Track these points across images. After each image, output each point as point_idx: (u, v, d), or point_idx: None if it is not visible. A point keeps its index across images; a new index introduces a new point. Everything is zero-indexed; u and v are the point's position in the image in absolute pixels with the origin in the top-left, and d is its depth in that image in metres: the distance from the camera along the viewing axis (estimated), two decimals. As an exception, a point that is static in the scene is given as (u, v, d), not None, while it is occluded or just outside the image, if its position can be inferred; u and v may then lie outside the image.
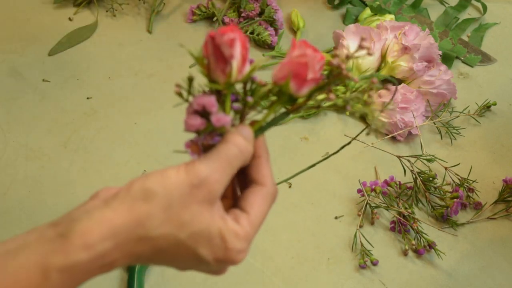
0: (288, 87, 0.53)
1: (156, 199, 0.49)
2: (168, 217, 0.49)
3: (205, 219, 0.50)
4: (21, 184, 0.93)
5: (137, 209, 0.49)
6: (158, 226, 0.49)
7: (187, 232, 0.50)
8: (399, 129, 0.99)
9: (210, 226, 0.50)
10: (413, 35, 1.05)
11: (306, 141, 1.01)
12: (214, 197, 0.50)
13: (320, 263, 0.88)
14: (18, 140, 0.98)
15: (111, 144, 0.98)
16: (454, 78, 1.07)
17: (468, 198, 0.94)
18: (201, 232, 0.50)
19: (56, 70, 1.07)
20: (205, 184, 0.50)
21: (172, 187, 0.50)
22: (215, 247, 0.51)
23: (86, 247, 0.48)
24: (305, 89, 0.53)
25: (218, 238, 0.51)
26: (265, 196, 0.54)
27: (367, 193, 0.92)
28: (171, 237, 0.50)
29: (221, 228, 0.51)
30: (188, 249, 0.51)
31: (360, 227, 0.90)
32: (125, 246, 0.49)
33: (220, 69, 0.52)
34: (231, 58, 0.51)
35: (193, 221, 0.50)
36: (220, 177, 0.51)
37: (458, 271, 0.88)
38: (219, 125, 0.51)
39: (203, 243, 0.51)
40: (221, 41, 0.51)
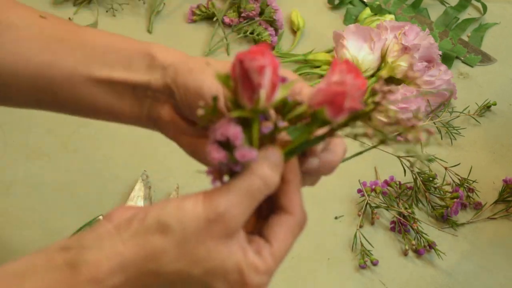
0: (323, 114, 0.50)
1: (171, 234, 0.47)
2: (182, 253, 0.47)
3: (221, 255, 0.48)
4: (21, 184, 0.93)
5: (150, 244, 0.47)
6: (170, 262, 0.47)
7: (202, 268, 0.48)
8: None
9: (226, 261, 0.48)
10: (413, 35, 1.05)
11: (306, 141, 1.01)
12: (232, 232, 0.48)
13: (320, 263, 0.88)
14: (18, 140, 0.98)
15: (111, 144, 0.98)
16: (454, 78, 1.07)
17: (468, 198, 0.94)
18: (217, 267, 0.48)
19: (56, 70, 1.07)
20: (223, 219, 0.47)
21: (188, 222, 0.47)
22: (232, 282, 0.48)
23: (94, 281, 0.46)
24: (341, 117, 0.50)
25: (236, 273, 0.48)
26: (292, 227, 0.52)
27: (367, 193, 0.92)
28: (184, 273, 0.48)
29: (240, 262, 0.48)
30: (202, 284, 0.48)
31: (360, 227, 0.90)
32: (136, 280, 0.47)
33: (247, 95, 0.48)
34: (259, 87, 0.47)
35: (209, 257, 0.48)
36: (240, 211, 0.48)
37: (458, 271, 0.88)
38: (243, 161, 0.48)
39: (218, 278, 0.48)
40: (250, 66, 0.47)
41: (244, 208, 0.48)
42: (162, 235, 0.47)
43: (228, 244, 0.48)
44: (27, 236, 0.87)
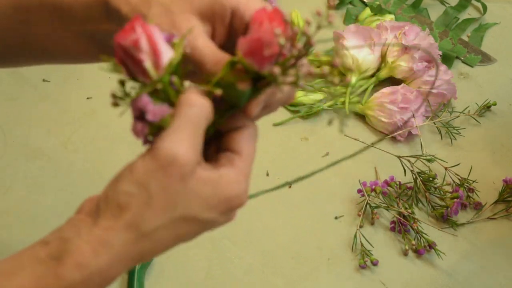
0: (247, 64, 0.49)
1: (134, 199, 0.48)
2: (154, 208, 0.48)
3: (194, 190, 0.48)
4: (21, 184, 0.93)
5: (122, 218, 0.48)
6: (148, 221, 0.48)
7: (180, 210, 0.48)
8: (399, 129, 0.99)
9: (201, 192, 0.49)
10: (413, 35, 1.05)
11: (306, 141, 1.01)
12: (192, 167, 0.48)
13: (320, 263, 0.88)
14: (18, 140, 0.98)
15: (111, 144, 0.98)
16: (454, 78, 1.07)
17: (468, 198, 0.94)
18: (195, 201, 0.49)
19: (56, 70, 1.07)
20: (176, 161, 0.48)
21: (144, 179, 0.48)
22: (215, 204, 0.49)
23: (78, 267, 0.47)
24: (267, 66, 0.49)
25: (215, 196, 0.49)
26: (250, 134, 0.52)
27: (367, 193, 0.92)
28: (166, 223, 0.48)
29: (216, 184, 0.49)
30: (190, 221, 0.49)
31: (360, 227, 0.90)
32: (124, 253, 0.48)
33: (140, 71, 0.49)
34: (142, 62, 0.48)
35: (181, 199, 0.48)
36: (190, 145, 0.48)
37: (458, 271, 0.88)
38: (157, 119, 0.48)
39: (202, 209, 0.49)
40: (126, 45, 0.48)
41: (192, 139, 0.48)
42: (128, 205, 0.48)
43: (195, 178, 0.48)
44: (27, 236, 0.87)
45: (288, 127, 1.02)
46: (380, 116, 1.00)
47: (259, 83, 0.50)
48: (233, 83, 0.50)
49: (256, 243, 0.89)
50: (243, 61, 0.49)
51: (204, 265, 0.86)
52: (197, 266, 0.86)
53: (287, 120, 1.02)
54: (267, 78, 0.50)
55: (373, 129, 1.02)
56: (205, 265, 0.86)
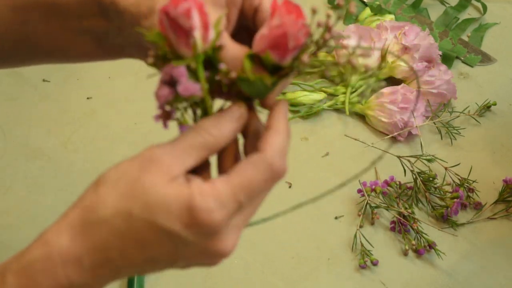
0: (270, 59, 0.49)
1: (107, 182, 0.48)
2: (118, 194, 0.47)
3: (159, 188, 0.46)
4: (21, 184, 0.93)
5: (88, 197, 0.48)
6: (108, 206, 0.47)
7: (139, 203, 0.46)
8: (399, 129, 0.99)
9: (166, 192, 0.46)
10: (413, 35, 1.05)
11: (306, 141, 1.01)
12: (170, 171, 0.46)
13: (320, 263, 0.88)
14: (18, 140, 0.98)
15: (111, 144, 0.98)
16: (454, 78, 1.07)
17: (468, 198, 0.94)
18: (156, 200, 0.46)
19: (56, 70, 1.07)
20: (157, 160, 0.47)
21: (123, 168, 0.48)
22: (176, 212, 0.46)
23: (41, 244, 0.47)
24: (289, 57, 0.49)
25: (177, 202, 0.46)
26: (255, 161, 0.48)
27: (367, 193, 0.92)
28: (124, 214, 0.46)
29: (181, 191, 0.46)
30: (148, 224, 0.46)
31: (360, 227, 0.90)
32: (83, 236, 0.46)
33: (183, 43, 0.48)
34: (192, 30, 0.47)
35: (145, 192, 0.46)
36: (175, 159, 0.47)
37: (458, 271, 0.88)
38: (187, 94, 0.48)
39: (160, 212, 0.46)
40: (176, 14, 0.47)
41: (180, 158, 0.47)
42: (98, 186, 0.48)
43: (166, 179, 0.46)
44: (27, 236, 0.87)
45: (288, 127, 1.02)
46: (380, 116, 1.00)
47: (278, 73, 0.50)
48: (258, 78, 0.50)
49: (256, 243, 0.89)
50: (268, 56, 0.49)
51: (204, 265, 0.86)
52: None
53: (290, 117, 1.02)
54: (287, 69, 0.50)
55: (373, 129, 1.02)
56: (205, 265, 0.86)
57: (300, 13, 0.49)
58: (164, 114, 0.49)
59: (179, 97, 0.48)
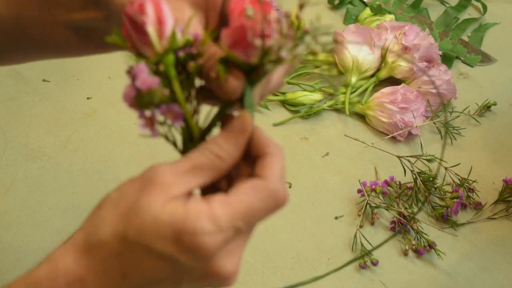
0: (234, 57, 0.47)
1: (108, 203, 0.47)
2: (116, 216, 0.46)
3: (154, 209, 0.45)
4: (21, 184, 0.93)
5: (92, 218, 0.47)
6: (107, 228, 0.46)
7: (134, 226, 0.45)
8: (399, 129, 0.99)
9: (159, 214, 0.44)
10: (413, 35, 1.05)
11: (306, 141, 1.01)
12: (168, 191, 0.45)
13: (320, 263, 0.88)
14: (18, 140, 0.98)
15: (111, 144, 0.98)
16: (454, 78, 1.07)
17: (468, 198, 0.94)
18: (149, 223, 0.44)
19: (56, 70, 1.07)
20: (157, 180, 0.45)
21: (124, 189, 0.47)
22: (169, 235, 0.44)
23: (48, 263, 0.47)
24: (254, 54, 0.47)
25: (170, 225, 0.44)
26: (257, 187, 0.46)
27: (367, 193, 0.92)
28: (120, 236, 0.45)
29: (175, 212, 0.44)
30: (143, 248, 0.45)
31: (360, 227, 0.90)
32: (85, 258, 0.46)
33: (143, 42, 0.47)
34: (145, 25, 0.46)
35: (140, 214, 0.45)
36: (176, 180, 0.46)
37: (458, 271, 0.88)
38: (145, 88, 0.46)
39: (153, 235, 0.44)
40: (133, 12, 0.46)
41: (185, 179, 0.46)
42: (101, 207, 0.47)
43: (161, 200, 0.45)
44: (27, 236, 0.87)
45: (288, 127, 1.02)
46: (380, 116, 1.00)
47: (252, 75, 0.48)
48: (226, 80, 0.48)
49: (256, 243, 0.89)
50: (229, 54, 0.47)
51: (204, 265, 0.86)
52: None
53: (287, 120, 1.02)
54: (260, 69, 0.48)
55: (373, 129, 1.02)
56: (205, 265, 0.86)
57: (266, 8, 0.47)
58: (147, 120, 0.48)
59: (141, 94, 0.46)
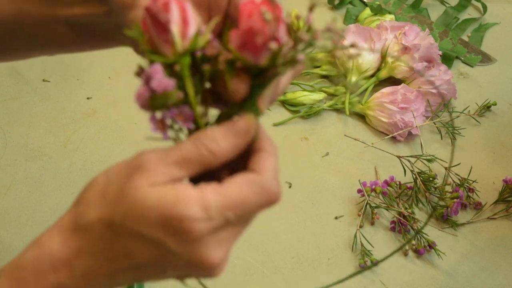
0: (242, 59, 0.47)
1: (95, 187, 0.47)
2: (103, 200, 0.46)
3: (140, 193, 0.44)
4: (21, 184, 0.93)
5: (79, 201, 0.47)
6: (94, 211, 0.46)
7: (120, 210, 0.45)
8: (399, 129, 0.99)
9: (147, 197, 0.44)
10: (413, 35, 1.05)
11: (306, 141, 1.01)
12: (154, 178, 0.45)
13: (320, 263, 0.88)
14: (18, 140, 0.98)
15: (111, 144, 0.98)
16: (454, 78, 1.07)
17: (468, 198, 0.94)
18: (136, 207, 0.44)
19: (56, 70, 1.07)
20: (144, 166, 0.45)
21: (111, 173, 0.47)
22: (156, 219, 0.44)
23: (34, 246, 0.46)
24: (263, 56, 0.46)
25: (158, 208, 0.44)
26: (251, 181, 0.46)
27: (367, 193, 0.92)
28: (107, 220, 0.45)
29: (165, 196, 0.44)
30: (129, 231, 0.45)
31: (360, 227, 0.90)
32: (72, 240, 0.46)
33: (163, 40, 0.46)
34: (169, 24, 0.45)
35: (126, 198, 0.45)
36: (162, 168, 0.45)
37: (458, 271, 0.88)
38: (161, 89, 0.46)
39: (140, 219, 0.44)
40: (155, 8, 0.45)
41: (171, 169, 0.45)
42: (88, 190, 0.47)
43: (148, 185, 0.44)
44: (27, 236, 0.87)
45: (288, 127, 1.02)
46: (380, 116, 1.00)
47: (261, 77, 0.48)
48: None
49: (256, 243, 0.89)
50: (237, 56, 0.47)
51: (204, 265, 0.86)
52: (197, 266, 0.86)
53: (287, 120, 1.02)
54: (270, 71, 0.47)
55: (373, 129, 1.02)
56: (205, 265, 0.86)
57: (277, 11, 0.47)
58: (159, 123, 0.47)
59: (156, 95, 0.46)
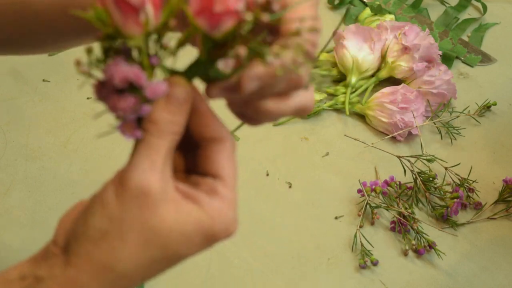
0: (197, 26, 0.43)
1: (109, 236, 0.44)
2: (130, 246, 0.44)
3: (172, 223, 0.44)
4: (21, 184, 0.93)
5: (95, 258, 0.44)
6: (127, 262, 0.44)
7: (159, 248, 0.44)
8: (399, 129, 0.99)
9: (183, 229, 0.44)
10: (413, 35, 1.05)
11: (306, 141, 1.01)
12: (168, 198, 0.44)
13: (320, 263, 0.88)
14: (18, 140, 0.98)
15: (111, 144, 0.98)
16: (454, 78, 1.07)
17: (468, 198, 0.94)
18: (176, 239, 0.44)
19: (56, 70, 1.07)
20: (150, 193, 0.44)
21: (118, 214, 0.44)
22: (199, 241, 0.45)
23: None
24: (220, 27, 0.43)
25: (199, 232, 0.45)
26: (230, 151, 0.47)
27: (367, 193, 0.92)
28: (147, 263, 0.45)
29: (197, 219, 0.45)
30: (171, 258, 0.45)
31: (360, 227, 0.90)
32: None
33: (132, 21, 0.42)
34: (143, 5, 0.42)
35: (160, 235, 0.44)
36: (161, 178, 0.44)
37: (458, 271, 0.88)
38: (156, 97, 0.43)
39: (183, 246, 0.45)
40: None
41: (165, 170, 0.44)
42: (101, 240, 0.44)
43: (175, 209, 0.44)
44: (27, 236, 0.87)
45: (288, 127, 1.02)
46: (380, 116, 1.00)
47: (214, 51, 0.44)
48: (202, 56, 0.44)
49: (256, 243, 0.89)
50: (192, 21, 0.43)
51: (204, 265, 0.86)
52: (197, 266, 0.86)
53: (287, 120, 1.02)
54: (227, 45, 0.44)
55: (373, 129, 1.02)
56: (205, 265, 0.86)
57: None
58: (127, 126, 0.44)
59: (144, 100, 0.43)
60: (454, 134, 1.01)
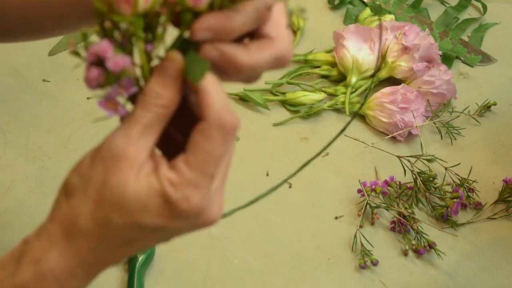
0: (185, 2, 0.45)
1: (76, 191, 0.47)
2: (92, 203, 0.46)
3: (130, 187, 0.45)
4: (21, 184, 0.93)
5: (63, 210, 0.47)
6: (86, 217, 0.46)
7: (116, 208, 0.45)
8: (399, 129, 0.99)
9: (137, 190, 0.45)
10: (413, 35, 1.05)
11: (306, 141, 1.01)
12: (134, 163, 0.45)
13: (320, 263, 0.88)
14: (18, 140, 0.98)
15: (111, 144, 0.98)
16: (454, 78, 1.07)
17: (468, 198, 0.94)
18: (131, 201, 0.45)
19: (56, 70, 1.07)
20: (118, 156, 0.46)
21: (86, 173, 0.47)
22: (155, 208, 0.45)
23: (33, 262, 0.46)
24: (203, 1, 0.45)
25: (153, 198, 0.45)
26: (205, 130, 0.45)
27: (367, 193, 0.92)
28: (104, 222, 0.46)
29: (152, 186, 0.45)
30: (131, 225, 0.46)
31: (360, 227, 0.90)
32: (70, 251, 0.46)
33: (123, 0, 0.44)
34: None
35: (117, 195, 0.45)
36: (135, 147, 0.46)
37: (458, 271, 0.88)
38: (118, 70, 0.44)
39: (140, 212, 0.45)
40: None
41: (142, 142, 0.46)
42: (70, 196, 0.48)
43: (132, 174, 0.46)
44: (27, 236, 0.87)
45: (288, 127, 1.02)
46: (380, 116, 1.00)
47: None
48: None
49: (256, 243, 0.89)
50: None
51: (203, 265, 0.86)
52: (197, 266, 0.86)
53: (287, 120, 1.02)
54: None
55: (373, 129, 1.02)
56: (205, 265, 0.86)
57: None
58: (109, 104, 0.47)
59: (111, 75, 0.45)
60: (454, 134, 1.01)
